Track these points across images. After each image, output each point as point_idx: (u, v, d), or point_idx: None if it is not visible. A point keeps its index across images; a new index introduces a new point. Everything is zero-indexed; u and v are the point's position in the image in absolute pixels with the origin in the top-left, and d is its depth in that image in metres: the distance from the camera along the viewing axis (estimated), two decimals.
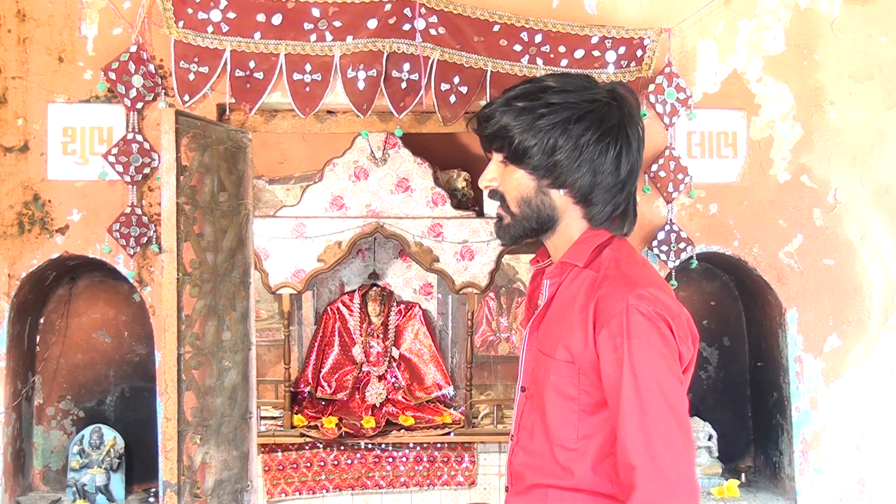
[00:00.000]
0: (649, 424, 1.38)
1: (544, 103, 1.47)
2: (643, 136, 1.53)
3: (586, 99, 1.48)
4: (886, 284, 3.01)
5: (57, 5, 2.87)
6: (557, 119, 1.46)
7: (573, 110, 1.46)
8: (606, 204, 1.50)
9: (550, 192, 1.51)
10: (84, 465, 2.98)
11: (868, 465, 2.98)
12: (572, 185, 1.49)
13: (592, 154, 1.46)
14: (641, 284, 1.43)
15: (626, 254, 1.52)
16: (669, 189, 2.95)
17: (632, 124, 1.49)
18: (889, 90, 3.03)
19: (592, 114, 1.46)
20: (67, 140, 2.87)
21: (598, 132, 1.46)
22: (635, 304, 1.40)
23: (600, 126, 1.46)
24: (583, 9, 2.98)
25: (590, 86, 1.51)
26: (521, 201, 1.53)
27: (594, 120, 1.46)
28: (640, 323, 1.39)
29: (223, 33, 2.80)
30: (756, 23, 3.01)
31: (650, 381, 1.38)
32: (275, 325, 4.97)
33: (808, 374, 2.99)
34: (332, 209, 4.36)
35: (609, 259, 1.50)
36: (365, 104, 2.85)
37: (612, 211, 1.51)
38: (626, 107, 1.50)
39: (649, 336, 1.39)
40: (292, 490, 4.22)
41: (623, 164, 1.48)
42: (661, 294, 1.44)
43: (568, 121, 1.46)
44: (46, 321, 3.11)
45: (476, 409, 4.45)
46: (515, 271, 4.91)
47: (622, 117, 1.48)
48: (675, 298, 1.48)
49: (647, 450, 1.37)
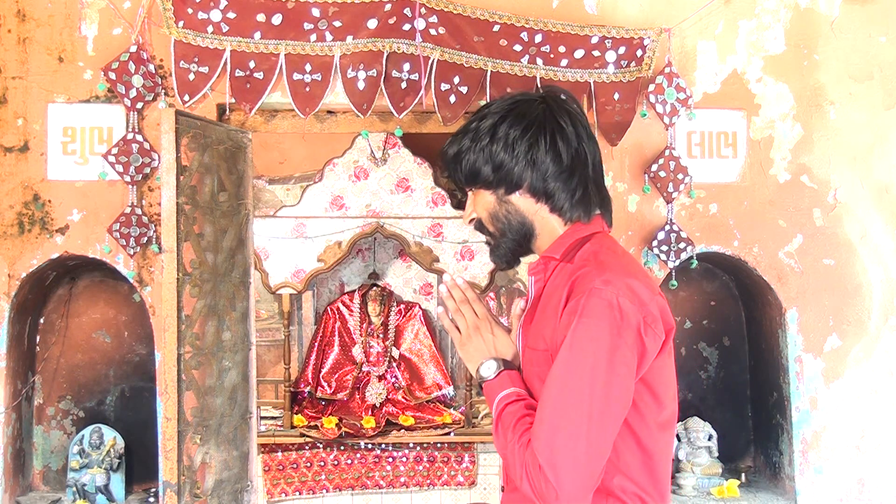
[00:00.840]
0: (562, 407, 1.38)
1: (477, 120, 1.57)
2: (583, 121, 1.57)
3: (509, 103, 1.56)
4: (886, 284, 3.01)
5: (57, 5, 2.87)
6: (487, 127, 1.54)
7: (498, 114, 1.55)
8: (562, 191, 1.54)
9: (510, 198, 1.57)
10: (84, 465, 2.98)
11: (868, 465, 2.98)
12: (522, 183, 1.54)
13: (525, 147, 1.52)
14: (613, 271, 1.44)
15: (607, 246, 1.54)
16: (669, 189, 2.95)
17: (562, 112, 1.54)
18: (889, 90, 3.03)
19: (513, 111, 1.54)
20: (67, 140, 2.87)
21: (521, 125, 1.52)
22: (599, 287, 1.40)
23: (522, 120, 1.53)
24: (583, 9, 2.98)
25: (516, 95, 1.59)
26: (491, 218, 1.60)
27: (515, 117, 1.53)
28: (595, 306, 1.39)
29: (223, 33, 2.80)
30: (756, 23, 3.01)
31: (583, 364, 1.38)
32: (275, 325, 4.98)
33: (808, 374, 2.99)
34: (332, 209, 4.36)
35: (588, 251, 1.52)
36: (365, 104, 2.85)
37: (571, 197, 1.54)
38: (550, 99, 1.56)
39: (600, 320, 1.39)
40: (292, 490, 4.22)
41: (562, 149, 1.52)
42: (633, 282, 1.43)
43: (495, 125, 1.54)
44: (46, 321, 3.11)
45: (476, 409, 4.45)
46: (515, 271, 4.91)
47: (547, 107, 1.54)
48: (650, 287, 1.47)
49: (549, 431, 1.38)
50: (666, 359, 1.49)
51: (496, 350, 1.60)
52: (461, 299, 1.63)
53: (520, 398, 1.51)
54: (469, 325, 1.62)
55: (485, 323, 1.62)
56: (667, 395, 1.50)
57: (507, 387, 1.53)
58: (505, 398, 1.52)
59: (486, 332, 1.61)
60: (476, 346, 1.61)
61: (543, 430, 1.39)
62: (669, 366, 1.52)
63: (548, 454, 1.37)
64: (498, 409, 1.52)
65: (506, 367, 1.57)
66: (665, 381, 1.49)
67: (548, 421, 1.39)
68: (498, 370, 1.56)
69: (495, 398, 1.54)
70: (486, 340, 1.61)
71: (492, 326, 1.62)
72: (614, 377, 1.39)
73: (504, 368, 1.57)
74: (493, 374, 1.57)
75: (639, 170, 2.97)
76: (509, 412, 1.49)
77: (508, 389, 1.53)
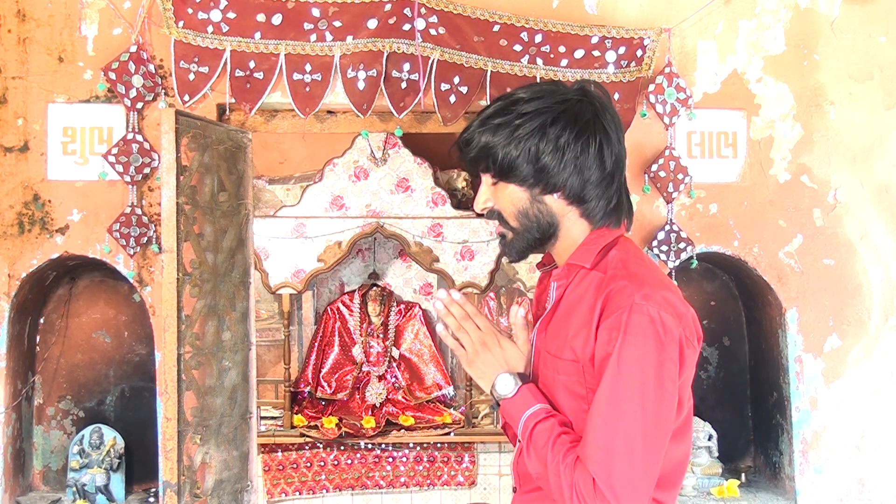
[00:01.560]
0: (615, 425, 1.36)
1: (518, 114, 1.49)
2: (621, 125, 1.54)
3: (557, 101, 1.49)
4: (886, 284, 3.01)
5: (57, 5, 2.87)
6: (534, 125, 1.47)
7: (547, 114, 1.48)
8: (600, 199, 1.50)
9: (545, 198, 1.52)
10: (84, 465, 2.98)
11: (868, 465, 2.98)
12: (563, 187, 1.49)
13: (575, 152, 1.47)
14: (650, 284, 1.42)
15: (633, 253, 1.51)
16: (669, 189, 2.95)
17: (606, 116, 1.50)
18: (889, 90, 3.03)
19: (566, 113, 1.48)
20: (67, 140, 2.87)
21: (574, 130, 1.47)
22: (641, 303, 1.38)
23: (576, 124, 1.47)
24: (583, 9, 2.98)
25: (558, 89, 1.53)
26: (519, 214, 1.53)
27: (569, 119, 1.47)
28: (639, 322, 1.37)
29: (223, 33, 2.80)
30: (756, 23, 3.01)
31: (633, 382, 1.36)
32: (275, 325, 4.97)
33: (808, 374, 2.99)
34: (332, 209, 4.36)
35: (616, 259, 1.49)
36: (365, 104, 2.85)
37: (606, 205, 1.51)
38: (596, 101, 1.51)
39: (646, 337, 1.37)
40: (292, 490, 4.22)
41: (606, 156, 1.48)
42: (669, 294, 1.43)
43: (544, 125, 1.47)
44: (46, 321, 3.11)
45: (476, 409, 4.45)
46: (515, 271, 4.91)
47: (595, 111, 1.49)
48: (681, 298, 1.47)
49: (605, 450, 1.35)
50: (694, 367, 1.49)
51: (507, 364, 1.54)
52: (461, 315, 1.55)
53: (549, 415, 1.47)
54: (474, 342, 1.55)
55: (490, 336, 1.56)
56: (686, 399, 1.49)
57: (532, 403, 1.48)
58: (534, 416, 1.47)
59: (494, 345, 1.55)
60: (486, 361, 1.55)
61: (598, 450, 1.36)
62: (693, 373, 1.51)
63: (605, 474, 1.34)
64: (528, 427, 1.46)
65: (523, 382, 1.52)
66: (687, 387, 1.49)
67: (602, 440, 1.36)
68: (517, 386, 1.51)
69: (521, 417, 1.48)
70: (495, 355, 1.55)
71: (498, 339, 1.56)
72: (664, 393, 1.38)
73: (522, 383, 1.51)
74: (511, 391, 1.51)
75: (639, 170, 2.97)
76: (541, 430, 1.45)
77: (535, 406, 1.48)
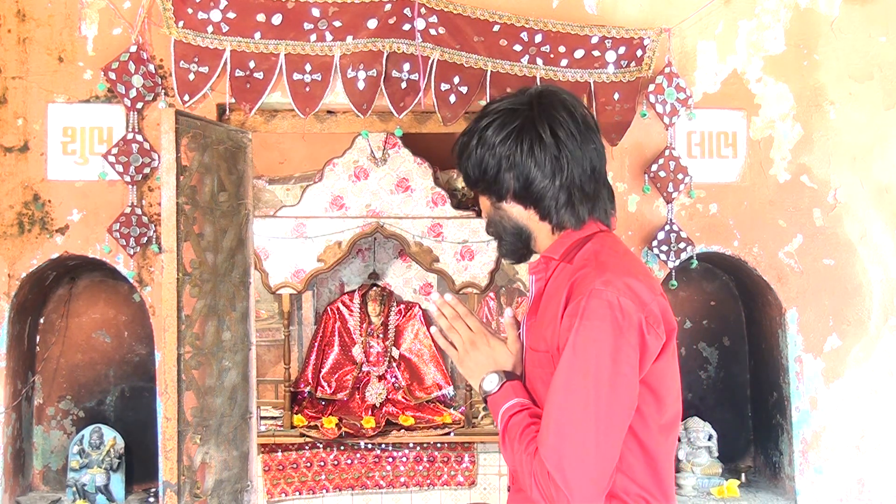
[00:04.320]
0: (568, 410, 1.38)
1: (475, 125, 1.57)
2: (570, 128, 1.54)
3: (499, 108, 1.55)
4: (886, 284, 3.01)
5: (57, 5, 2.87)
6: (478, 134, 1.55)
7: (486, 119, 1.55)
8: (547, 199, 1.53)
9: (501, 205, 1.57)
10: (84, 465, 2.98)
11: (868, 465, 2.98)
12: (508, 191, 1.54)
13: (504, 155, 1.52)
14: (613, 271, 1.43)
15: (608, 245, 1.53)
16: (669, 189, 2.95)
17: (542, 119, 1.51)
18: (889, 90, 3.03)
19: (497, 120, 1.53)
20: (67, 140, 2.87)
21: (501, 134, 1.52)
22: (600, 288, 1.40)
23: (503, 128, 1.52)
24: (583, 9, 2.98)
25: (512, 96, 1.58)
26: (489, 222, 1.62)
27: (498, 125, 1.53)
28: (596, 307, 1.39)
29: (223, 33, 2.80)
30: (756, 23, 3.01)
31: (587, 366, 1.38)
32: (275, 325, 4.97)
33: (808, 374, 2.99)
34: (332, 209, 4.36)
35: (589, 251, 1.51)
36: (365, 104, 2.85)
37: (555, 205, 1.53)
38: (539, 106, 1.53)
39: (602, 321, 1.38)
40: (292, 490, 4.22)
41: (539, 158, 1.50)
42: (633, 281, 1.43)
43: (482, 133, 1.54)
44: (46, 321, 3.11)
45: (476, 409, 4.45)
46: (515, 271, 4.91)
47: (529, 114, 1.52)
48: (651, 288, 1.46)
49: (556, 435, 1.37)
50: (668, 360, 1.48)
51: (496, 362, 1.59)
52: (452, 316, 1.62)
53: (523, 408, 1.50)
54: (465, 341, 1.61)
55: (480, 337, 1.61)
56: (669, 396, 1.49)
57: (511, 398, 1.52)
58: (509, 409, 1.51)
59: (483, 345, 1.60)
60: (475, 360, 1.60)
61: (550, 436, 1.38)
62: (672, 367, 1.51)
63: (556, 460, 1.36)
64: (503, 420, 1.51)
65: (507, 379, 1.56)
66: (667, 382, 1.49)
67: (554, 427, 1.38)
68: (500, 382, 1.55)
69: (500, 410, 1.53)
70: (484, 354, 1.60)
71: (488, 339, 1.61)
72: (619, 378, 1.38)
73: (506, 380, 1.55)
74: (495, 388, 1.55)
75: (639, 170, 2.97)
76: (514, 422, 1.48)
77: (512, 400, 1.52)
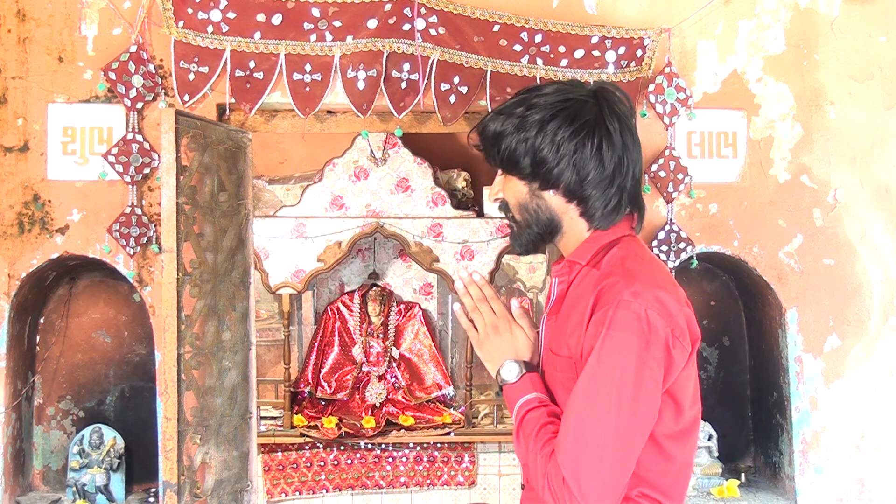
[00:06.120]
0: (588, 420, 1.36)
1: (528, 106, 1.50)
2: (633, 130, 1.52)
3: (562, 98, 1.50)
4: (886, 284, 3.01)
5: (57, 5, 2.87)
6: (535, 120, 1.48)
7: (548, 110, 1.48)
8: (597, 199, 1.50)
9: (543, 194, 1.52)
10: (84, 465, 2.98)
11: (868, 465, 2.98)
12: (559, 183, 1.49)
13: (570, 150, 1.47)
14: (641, 282, 1.41)
15: (634, 252, 1.50)
16: (669, 189, 2.95)
17: (613, 118, 1.49)
18: (889, 90, 3.03)
19: (565, 111, 1.48)
20: (67, 140, 2.87)
21: (571, 128, 1.47)
22: (629, 300, 1.38)
23: (574, 122, 1.47)
24: (583, 9, 2.98)
25: (569, 88, 1.53)
26: (520, 207, 1.55)
27: (567, 116, 1.48)
28: (625, 318, 1.37)
29: (223, 33, 2.80)
30: (756, 23, 3.01)
31: (610, 377, 1.36)
32: (275, 325, 4.97)
33: (808, 374, 2.99)
34: (332, 209, 4.36)
35: (615, 257, 1.49)
36: (365, 104, 2.85)
37: (604, 206, 1.50)
38: (605, 103, 1.51)
39: (629, 334, 1.36)
40: (292, 490, 4.22)
41: (606, 157, 1.47)
42: (661, 293, 1.41)
43: (543, 120, 1.48)
44: (46, 321, 3.11)
45: (476, 409, 4.45)
46: (515, 271, 4.91)
47: (600, 112, 1.49)
48: (678, 298, 1.45)
49: (575, 443, 1.36)
50: (690, 368, 1.47)
51: (516, 351, 1.56)
52: (479, 297, 1.58)
53: (542, 404, 1.48)
54: (487, 325, 1.57)
55: (504, 322, 1.58)
56: (686, 402, 1.48)
57: (530, 391, 1.50)
58: (527, 403, 1.48)
59: (506, 331, 1.57)
60: (495, 345, 1.57)
61: (568, 442, 1.36)
62: (692, 374, 1.49)
63: (572, 468, 1.35)
64: (519, 414, 1.48)
65: (527, 370, 1.53)
66: (687, 389, 1.48)
67: (573, 434, 1.36)
68: (520, 373, 1.52)
69: (516, 403, 1.50)
70: (505, 340, 1.56)
71: (511, 325, 1.58)
72: (641, 391, 1.37)
73: (526, 371, 1.52)
74: (515, 378, 1.52)
75: None
76: (531, 418, 1.46)
77: (531, 394, 1.49)
